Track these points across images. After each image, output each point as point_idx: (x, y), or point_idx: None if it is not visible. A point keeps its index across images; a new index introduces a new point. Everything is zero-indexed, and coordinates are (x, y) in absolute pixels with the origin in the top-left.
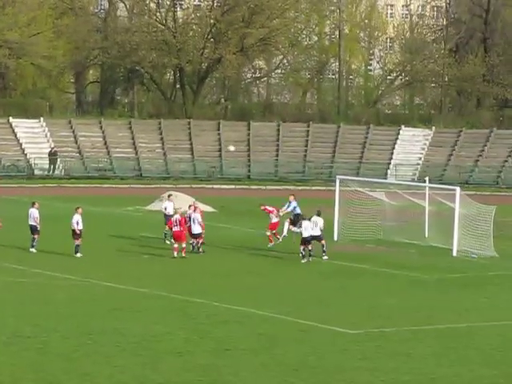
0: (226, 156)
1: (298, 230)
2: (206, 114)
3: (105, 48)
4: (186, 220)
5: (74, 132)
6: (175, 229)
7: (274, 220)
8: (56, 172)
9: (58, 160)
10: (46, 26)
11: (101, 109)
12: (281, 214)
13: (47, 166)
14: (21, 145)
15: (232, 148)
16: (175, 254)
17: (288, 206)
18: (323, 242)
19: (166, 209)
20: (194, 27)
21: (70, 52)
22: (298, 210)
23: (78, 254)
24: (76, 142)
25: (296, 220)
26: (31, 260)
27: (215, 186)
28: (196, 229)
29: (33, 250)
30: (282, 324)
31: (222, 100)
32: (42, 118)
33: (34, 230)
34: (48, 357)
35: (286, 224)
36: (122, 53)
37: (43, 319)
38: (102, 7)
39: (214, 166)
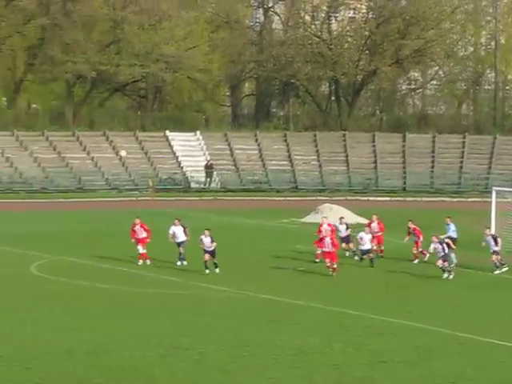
0: (382, 168)
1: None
2: (361, 126)
3: (260, 61)
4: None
5: (229, 145)
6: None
7: (420, 240)
8: (212, 185)
9: (214, 173)
10: (201, 39)
11: (256, 122)
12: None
13: (203, 179)
14: (177, 158)
15: (124, 153)
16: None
17: (448, 230)
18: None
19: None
20: (349, 39)
21: (226, 65)
22: (455, 234)
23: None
24: (232, 155)
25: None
26: (186, 273)
27: (370, 198)
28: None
29: (179, 263)
30: (438, 336)
31: (377, 112)
32: (198, 132)
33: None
34: (205, 368)
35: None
36: (277, 66)
37: (200, 331)
38: (257, 20)
39: (369, 178)
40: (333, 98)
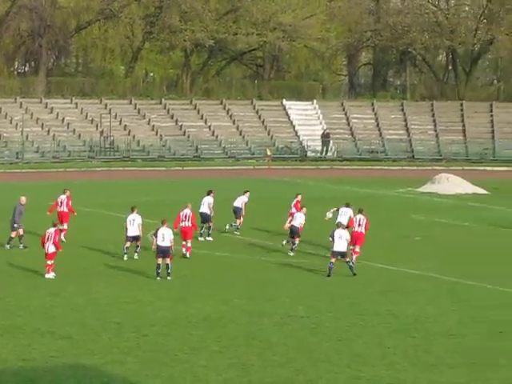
0: (500, 138)
1: None
2: (478, 96)
3: (377, 30)
4: None
5: (346, 114)
6: None
7: None
8: (329, 154)
9: (331, 142)
10: (319, 8)
11: (373, 91)
12: None
13: (320, 148)
14: (294, 127)
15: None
16: None
17: None
18: None
19: None
20: (466, 8)
21: (343, 34)
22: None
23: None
24: (348, 124)
25: None
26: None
27: (487, 168)
28: None
29: (207, 238)
30: None
31: (495, 81)
32: (314, 100)
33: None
34: (320, 337)
35: None
36: (394, 35)
37: (316, 300)
38: None
39: (486, 148)
40: (450, 68)
